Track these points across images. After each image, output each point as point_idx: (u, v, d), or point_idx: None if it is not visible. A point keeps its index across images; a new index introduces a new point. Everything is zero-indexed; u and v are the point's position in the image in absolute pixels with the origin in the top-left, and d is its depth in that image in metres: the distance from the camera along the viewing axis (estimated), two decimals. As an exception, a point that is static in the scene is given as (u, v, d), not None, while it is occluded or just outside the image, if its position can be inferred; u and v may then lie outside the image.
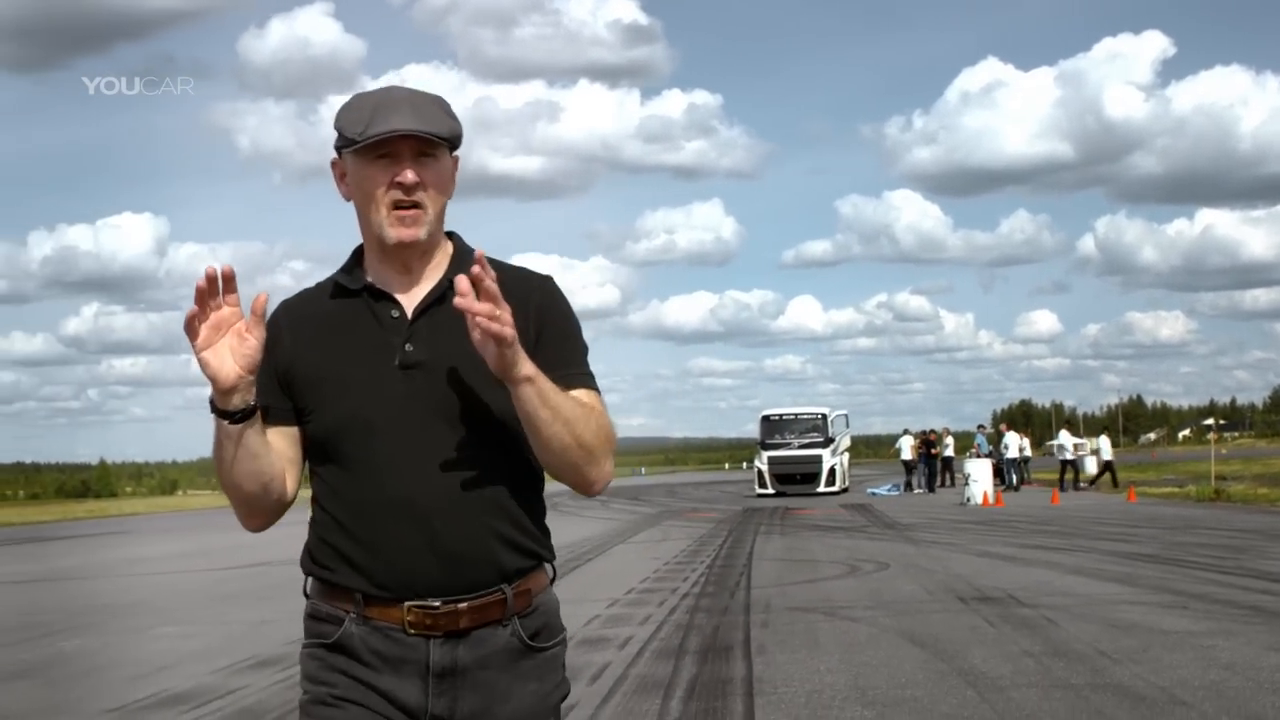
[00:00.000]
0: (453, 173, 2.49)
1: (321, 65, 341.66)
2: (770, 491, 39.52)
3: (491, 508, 2.40)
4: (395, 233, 2.39)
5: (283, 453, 2.46)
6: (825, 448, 40.08)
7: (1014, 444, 40.34)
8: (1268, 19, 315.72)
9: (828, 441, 40.39)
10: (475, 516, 2.38)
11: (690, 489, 54.64)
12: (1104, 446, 39.14)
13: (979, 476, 31.28)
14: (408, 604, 2.38)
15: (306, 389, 2.45)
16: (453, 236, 2.55)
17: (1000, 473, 37.49)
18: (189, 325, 2.26)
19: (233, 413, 2.32)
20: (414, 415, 2.38)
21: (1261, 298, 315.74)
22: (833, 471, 39.92)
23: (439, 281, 2.46)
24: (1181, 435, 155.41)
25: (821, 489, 39.27)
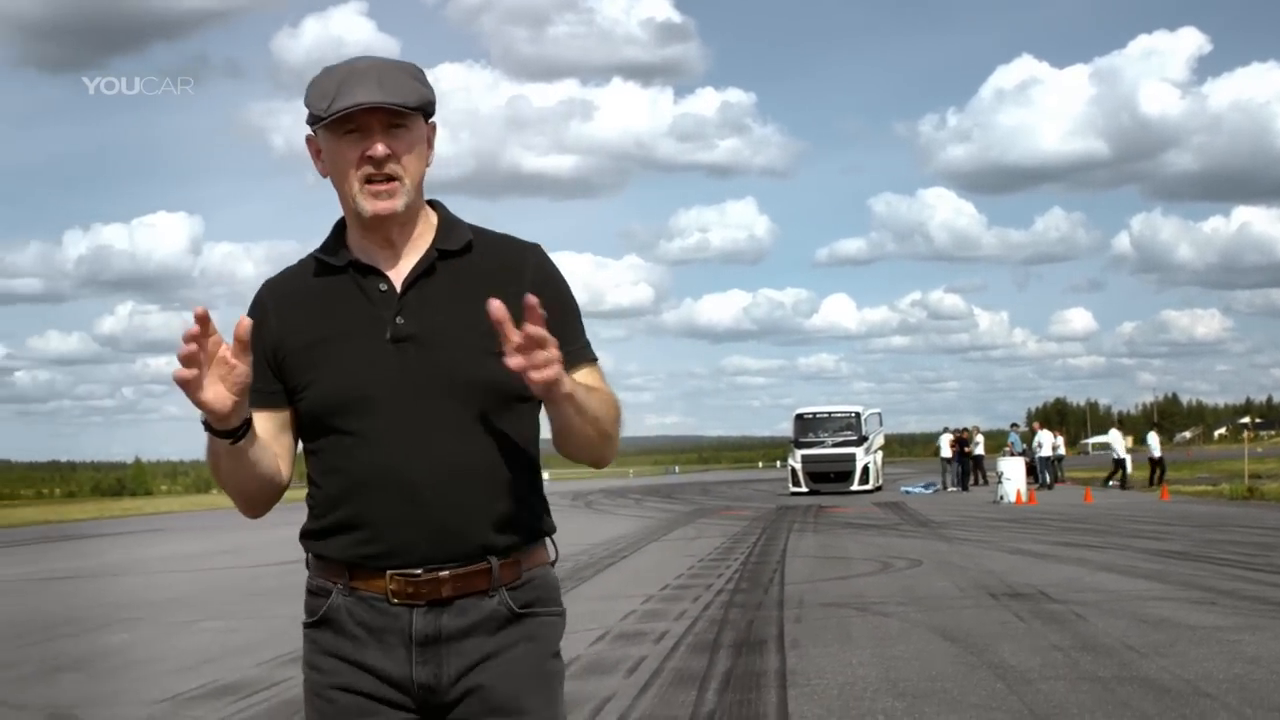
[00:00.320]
0: (429, 140, 2.45)
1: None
2: (804, 490, 39.58)
3: (485, 479, 2.38)
4: (371, 206, 2.37)
5: (275, 440, 2.45)
6: (859, 446, 40.11)
7: (1047, 442, 40.33)
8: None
9: (861, 440, 40.43)
10: (467, 488, 2.37)
11: (724, 487, 54.61)
12: (1153, 444, 39.07)
13: (1012, 475, 31.30)
14: (390, 572, 2.37)
15: (297, 367, 2.43)
16: (436, 205, 2.53)
17: (1033, 471, 37.48)
18: (186, 381, 2.19)
19: (232, 431, 2.30)
20: (407, 389, 2.37)
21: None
22: (866, 469, 39.95)
23: (425, 253, 2.44)
24: (1217, 434, 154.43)
25: (855, 487, 39.29)
